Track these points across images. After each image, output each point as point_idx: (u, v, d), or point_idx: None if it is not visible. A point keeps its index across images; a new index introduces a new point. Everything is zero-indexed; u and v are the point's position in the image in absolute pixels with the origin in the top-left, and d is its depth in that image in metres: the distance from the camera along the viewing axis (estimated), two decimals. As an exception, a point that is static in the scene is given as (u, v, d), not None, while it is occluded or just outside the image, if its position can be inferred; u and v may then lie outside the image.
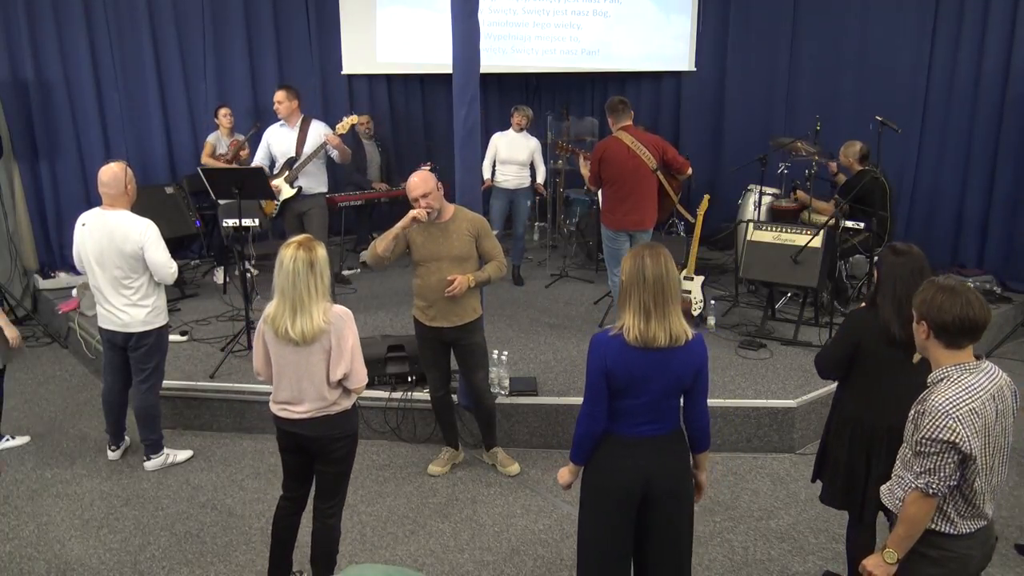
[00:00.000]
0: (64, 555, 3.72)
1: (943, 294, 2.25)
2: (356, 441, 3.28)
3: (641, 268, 2.58)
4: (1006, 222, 6.85)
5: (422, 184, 3.94)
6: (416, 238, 4.04)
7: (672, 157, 5.52)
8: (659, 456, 2.70)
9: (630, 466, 2.68)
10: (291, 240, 3.05)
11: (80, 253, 4.24)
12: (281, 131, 6.00)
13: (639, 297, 2.58)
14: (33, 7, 6.83)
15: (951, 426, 2.17)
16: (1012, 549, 3.72)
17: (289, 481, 3.35)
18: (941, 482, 2.22)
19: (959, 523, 2.32)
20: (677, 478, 2.75)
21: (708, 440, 2.86)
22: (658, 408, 2.67)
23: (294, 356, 3.06)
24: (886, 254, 3.00)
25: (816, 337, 5.52)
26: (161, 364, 4.44)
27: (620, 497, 2.70)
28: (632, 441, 2.68)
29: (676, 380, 2.65)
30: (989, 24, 6.68)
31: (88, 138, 7.27)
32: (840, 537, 3.82)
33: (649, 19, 8.56)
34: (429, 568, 3.64)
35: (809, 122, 6.74)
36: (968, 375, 2.26)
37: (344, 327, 3.08)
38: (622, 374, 2.60)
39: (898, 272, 2.89)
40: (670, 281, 2.59)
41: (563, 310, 6.42)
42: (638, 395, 2.63)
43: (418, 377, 4.82)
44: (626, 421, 2.67)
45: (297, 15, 8.13)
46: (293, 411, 3.13)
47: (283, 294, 3.00)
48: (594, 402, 2.66)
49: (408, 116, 9.04)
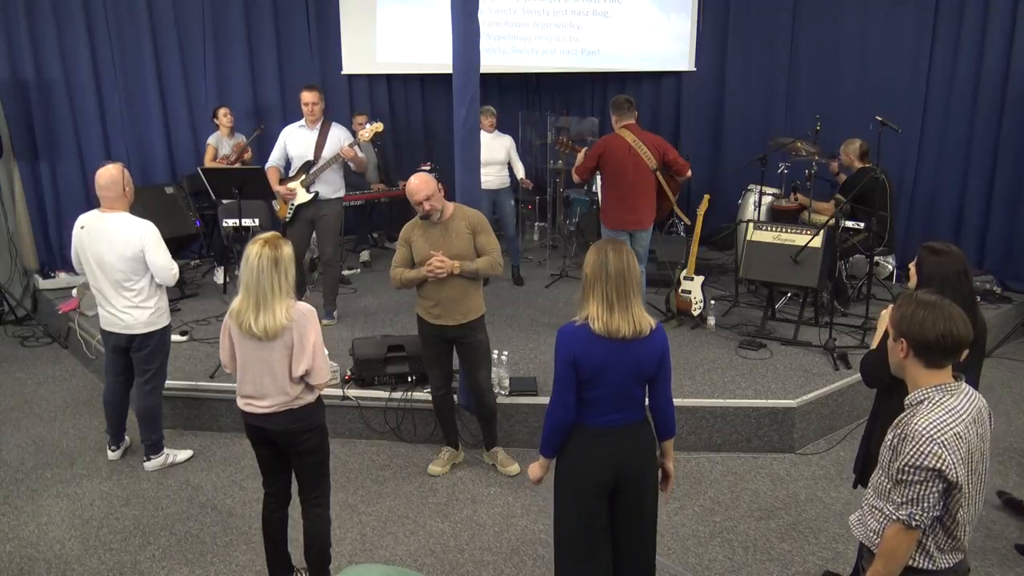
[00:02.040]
0: (64, 555, 3.72)
1: (924, 309, 2.11)
2: (325, 431, 3.29)
3: (604, 262, 2.69)
4: (1006, 222, 6.85)
5: (423, 187, 3.93)
6: (417, 239, 4.04)
7: (673, 159, 5.52)
8: (628, 444, 2.80)
9: (601, 455, 2.77)
10: (258, 237, 3.07)
11: (79, 256, 4.23)
12: (300, 132, 5.78)
13: (602, 290, 2.69)
14: (33, 7, 6.83)
15: (936, 452, 2.00)
16: (1012, 549, 3.72)
17: (266, 475, 3.37)
18: (924, 513, 2.05)
19: (938, 558, 2.15)
20: (645, 465, 2.85)
21: (673, 427, 2.95)
22: (624, 397, 2.75)
23: (257, 351, 3.09)
24: (925, 255, 2.89)
25: (816, 337, 5.52)
26: (164, 365, 4.45)
27: (594, 486, 2.78)
28: (601, 431, 2.77)
29: (639, 368, 2.74)
30: (989, 24, 6.68)
31: (88, 138, 7.27)
32: (840, 537, 3.83)
33: (649, 19, 8.56)
34: (429, 568, 3.64)
35: (809, 122, 6.74)
36: (949, 397, 2.12)
37: (307, 324, 3.10)
38: (588, 363, 2.69)
39: (943, 272, 2.79)
40: (631, 275, 2.70)
41: (563, 310, 6.41)
42: (604, 384, 2.71)
43: (418, 377, 4.82)
44: (594, 411, 2.76)
45: (297, 15, 8.14)
46: (257, 405, 3.15)
47: (247, 289, 3.03)
48: (564, 391, 2.74)
49: (408, 116, 9.04)
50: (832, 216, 5.70)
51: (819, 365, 5.17)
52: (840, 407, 4.90)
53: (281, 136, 5.87)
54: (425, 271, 3.98)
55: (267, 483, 3.37)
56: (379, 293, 6.88)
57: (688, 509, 4.08)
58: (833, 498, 4.18)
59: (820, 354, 5.32)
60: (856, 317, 5.88)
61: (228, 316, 3.15)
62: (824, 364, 5.18)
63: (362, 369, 4.83)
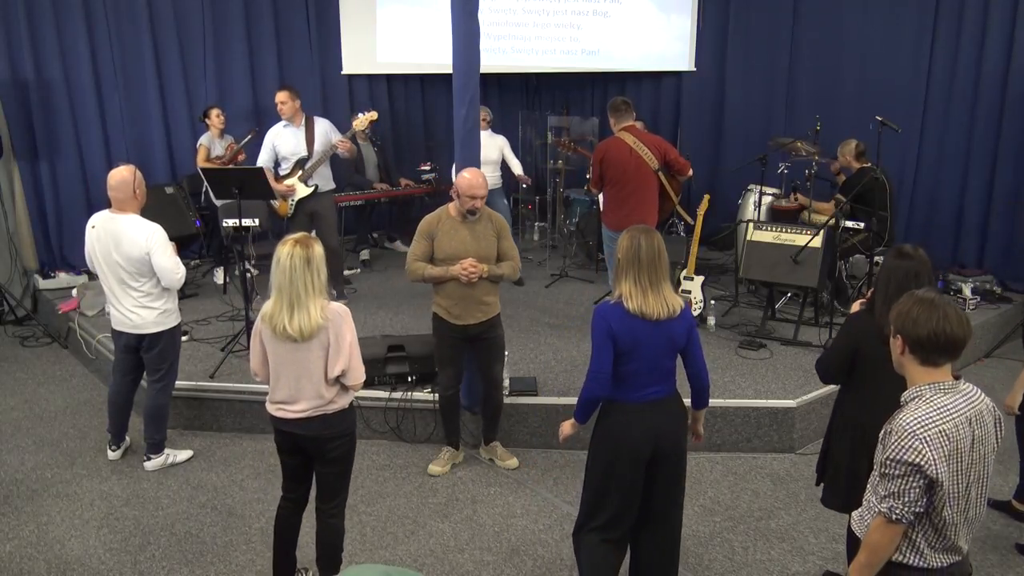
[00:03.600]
0: (64, 555, 3.72)
1: (919, 307, 2.12)
2: (354, 440, 3.29)
3: (637, 249, 2.91)
4: (1006, 222, 6.85)
5: (483, 185, 4.01)
6: (443, 235, 4.04)
7: (674, 159, 5.52)
8: (665, 417, 3.01)
9: (641, 430, 2.96)
10: (288, 237, 3.06)
11: (91, 255, 4.25)
12: (287, 131, 6.03)
13: (635, 275, 2.91)
14: (33, 7, 6.82)
15: (917, 447, 2.03)
16: (1012, 549, 3.72)
17: (288, 482, 3.35)
18: (905, 507, 2.07)
19: (930, 556, 2.16)
20: (678, 437, 3.07)
21: (707, 397, 3.20)
22: (658, 369, 2.96)
23: (292, 354, 3.07)
24: (889, 256, 2.96)
25: (816, 337, 5.52)
26: (175, 364, 4.47)
27: (633, 459, 2.98)
28: (640, 407, 2.97)
29: (671, 341, 2.96)
30: (989, 24, 6.68)
31: (88, 138, 7.26)
32: (840, 537, 3.82)
33: (649, 19, 8.56)
34: (429, 568, 3.64)
35: (809, 122, 6.74)
36: (942, 396, 2.12)
37: (342, 323, 3.09)
38: (626, 337, 2.89)
39: (895, 275, 2.86)
40: (662, 260, 2.93)
41: (563, 310, 6.41)
42: (639, 357, 2.91)
43: (418, 377, 4.82)
44: (632, 386, 2.95)
45: (297, 15, 8.13)
46: (290, 410, 3.13)
47: (280, 291, 3.01)
48: (601, 362, 2.91)
49: (408, 116, 9.03)
50: (832, 216, 5.70)
51: (819, 365, 5.17)
52: (840, 407, 4.90)
53: (268, 138, 6.08)
54: (457, 272, 3.99)
55: (288, 489, 3.36)
56: (379, 293, 6.88)
57: (688, 509, 4.06)
58: (833, 498, 4.18)
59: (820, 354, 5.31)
60: (856, 317, 5.87)
61: (260, 321, 3.12)
62: (824, 364, 5.17)
63: (362, 369, 4.83)
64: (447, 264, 4.03)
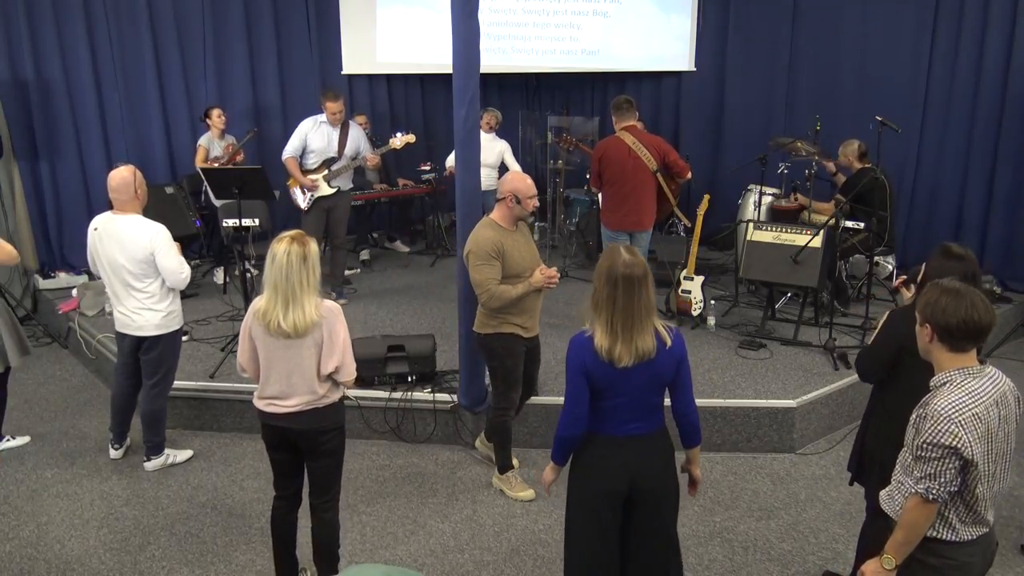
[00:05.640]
0: (64, 555, 3.72)
1: (947, 296, 2.22)
2: (344, 433, 3.30)
3: (615, 285, 2.60)
4: (1006, 222, 6.85)
5: (533, 186, 3.94)
6: (511, 249, 3.86)
7: (673, 161, 5.52)
8: (644, 455, 2.73)
9: (616, 465, 2.71)
10: (283, 235, 3.08)
11: (93, 257, 4.25)
12: (323, 128, 6.19)
13: (608, 317, 2.62)
14: (33, 7, 6.82)
15: (953, 431, 2.14)
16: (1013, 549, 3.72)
17: (280, 479, 3.35)
18: (941, 487, 2.18)
19: (961, 530, 2.28)
20: (661, 477, 2.77)
21: (699, 435, 2.87)
22: (642, 406, 2.69)
23: (284, 350, 3.08)
24: (937, 256, 2.91)
25: (816, 337, 5.52)
26: (172, 369, 4.46)
27: (606, 496, 2.73)
28: (618, 441, 2.71)
29: (656, 378, 2.68)
30: (989, 24, 6.67)
31: (88, 138, 7.26)
32: (840, 537, 3.83)
33: (649, 19, 8.56)
34: (429, 568, 3.64)
35: (809, 122, 6.74)
36: (972, 379, 2.23)
37: (335, 321, 3.12)
38: (600, 375, 2.64)
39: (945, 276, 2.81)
40: (643, 300, 2.61)
41: (563, 310, 6.41)
42: (619, 394, 2.65)
43: (418, 377, 4.82)
44: (612, 421, 2.70)
45: (297, 15, 8.13)
46: (282, 405, 3.14)
47: (275, 287, 3.02)
48: (576, 403, 2.68)
49: (408, 116, 9.03)
50: (832, 216, 5.70)
51: (819, 365, 5.17)
52: (840, 407, 4.90)
53: (302, 127, 6.20)
54: (541, 283, 3.91)
55: (280, 487, 3.36)
56: (379, 293, 6.88)
57: (688, 509, 4.08)
58: (833, 498, 4.18)
59: (820, 354, 5.32)
60: (856, 317, 5.87)
61: (250, 317, 3.13)
62: (824, 364, 5.18)
63: (362, 369, 4.81)
64: (514, 279, 3.87)
